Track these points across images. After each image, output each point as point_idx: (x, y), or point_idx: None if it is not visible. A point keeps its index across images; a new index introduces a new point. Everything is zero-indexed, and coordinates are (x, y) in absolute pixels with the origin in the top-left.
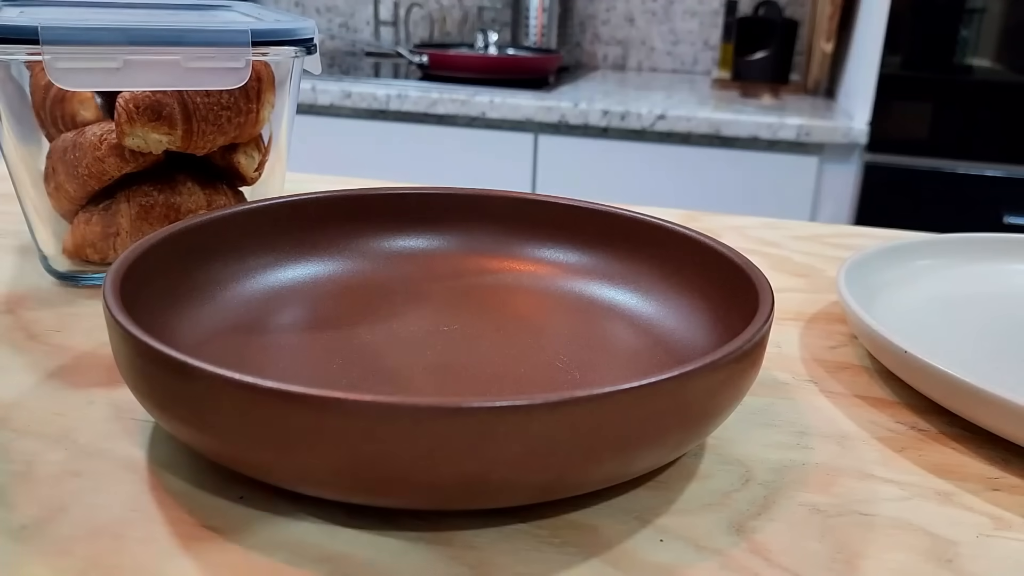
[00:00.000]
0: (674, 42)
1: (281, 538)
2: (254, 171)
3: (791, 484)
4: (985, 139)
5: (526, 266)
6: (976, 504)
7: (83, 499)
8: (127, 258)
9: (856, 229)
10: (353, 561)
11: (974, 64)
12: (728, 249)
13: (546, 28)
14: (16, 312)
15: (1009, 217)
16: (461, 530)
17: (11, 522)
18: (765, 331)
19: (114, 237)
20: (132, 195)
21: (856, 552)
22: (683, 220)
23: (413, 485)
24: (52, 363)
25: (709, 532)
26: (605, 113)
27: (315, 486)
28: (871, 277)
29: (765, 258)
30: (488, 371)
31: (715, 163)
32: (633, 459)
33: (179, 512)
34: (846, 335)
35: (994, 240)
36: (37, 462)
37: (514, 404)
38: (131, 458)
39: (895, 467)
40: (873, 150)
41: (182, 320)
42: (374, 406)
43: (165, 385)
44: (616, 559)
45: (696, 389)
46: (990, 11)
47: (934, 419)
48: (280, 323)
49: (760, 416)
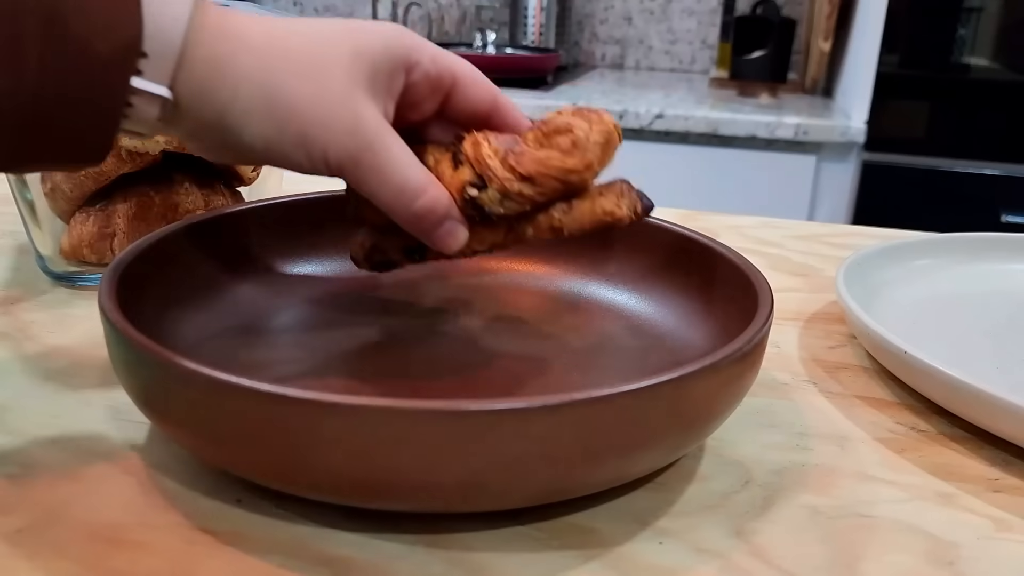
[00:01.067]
0: (672, 41)
1: (279, 541)
2: (252, 171)
3: (791, 486)
4: (983, 138)
5: (525, 266)
6: (977, 506)
7: (79, 502)
8: (124, 259)
9: (855, 228)
10: (351, 564)
11: (972, 63)
12: (727, 249)
13: (544, 27)
14: (12, 313)
15: (1007, 216)
16: (460, 532)
17: (7, 525)
18: (764, 332)
19: (111, 238)
20: (129, 195)
21: (856, 554)
22: (681, 219)
23: (411, 488)
24: (49, 364)
25: (709, 534)
26: None
27: (313, 489)
28: (870, 277)
29: (764, 258)
30: (487, 372)
31: (713, 162)
32: (632, 461)
33: (176, 515)
34: (845, 335)
35: (993, 239)
36: (33, 465)
37: (513, 407)
38: (128, 461)
39: (895, 468)
40: (871, 149)
41: (179, 321)
42: (372, 409)
43: (161, 388)
44: (616, 561)
45: (695, 391)
46: (988, 10)
47: (934, 420)
48: (277, 324)
49: (759, 417)
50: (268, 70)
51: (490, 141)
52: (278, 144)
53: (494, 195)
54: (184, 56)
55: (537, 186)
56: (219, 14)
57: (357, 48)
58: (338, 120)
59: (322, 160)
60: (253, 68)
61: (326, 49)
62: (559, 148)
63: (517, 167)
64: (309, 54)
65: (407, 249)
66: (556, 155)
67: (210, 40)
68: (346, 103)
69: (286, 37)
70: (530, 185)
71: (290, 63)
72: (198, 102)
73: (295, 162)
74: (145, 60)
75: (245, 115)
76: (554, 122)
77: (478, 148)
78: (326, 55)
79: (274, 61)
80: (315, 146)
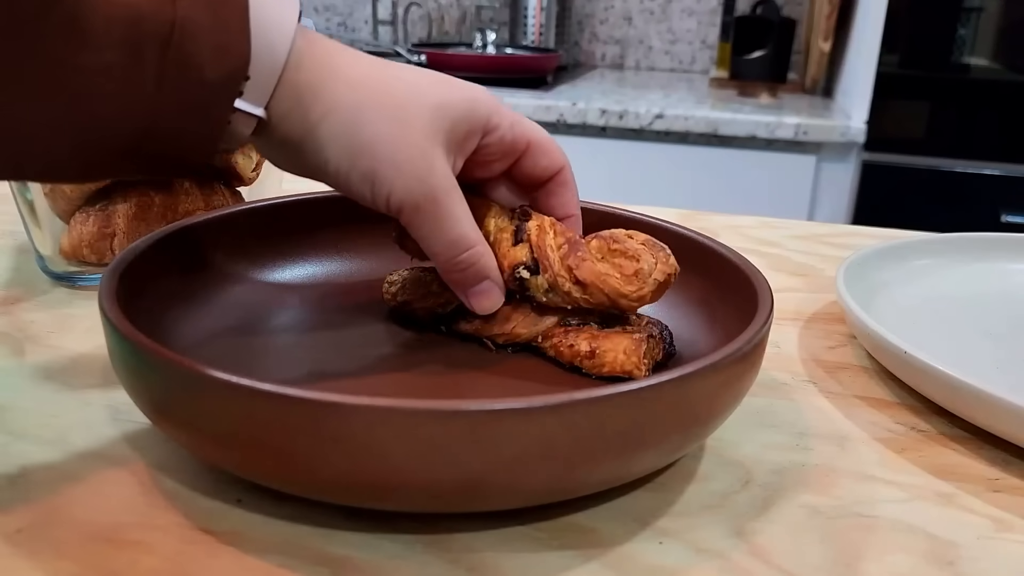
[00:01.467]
0: (672, 41)
1: (279, 541)
2: (252, 171)
3: (791, 486)
4: (983, 138)
5: None
6: (977, 506)
7: (79, 502)
8: (124, 259)
9: (855, 228)
10: (351, 564)
11: (971, 63)
12: (726, 249)
13: (544, 27)
14: (12, 313)
15: (1007, 216)
16: (460, 532)
17: (7, 525)
18: (764, 332)
19: (111, 237)
20: (129, 195)
21: (857, 555)
22: (681, 219)
23: (411, 488)
24: (48, 364)
25: (709, 534)
26: (603, 112)
27: (313, 489)
28: (870, 277)
29: (764, 258)
30: (487, 372)
31: (713, 162)
32: (632, 461)
33: (176, 515)
34: (845, 335)
35: (993, 239)
36: (33, 465)
37: (513, 407)
38: (128, 461)
39: (895, 468)
40: (871, 149)
41: (179, 321)
42: (372, 409)
43: (161, 387)
44: (616, 561)
45: (696, 391)
46: (987, 10)
47: (934, 420)
48: (277, 324)
49: (759, 417)
50: (358, 105)
51: (556, 232)
52: (347, 174)
53: (543, 283)
54: (283, 79)
55: (587, 294)
56: (326, 44)
57: (442, 102)
58: (410, 166)
59: (384, 199)
60: (346, 99)
61: (415, 97)
62: (620, 271)
63: (575, 270)
64: (399, 98)
65: (433, 314)
66: (616, 277)
67: (311, 66)
68: (423, 152)
69: (382, 79)
70: (581, 290)
71: (380, 103)
72: (287, 122)
73: (359, 194)
74: (248, 82)
75: (326, 141)
76: (623, 243)
77: (543, 236)
78: (414, 103)
79: (366, 97)
80: (382, 185)
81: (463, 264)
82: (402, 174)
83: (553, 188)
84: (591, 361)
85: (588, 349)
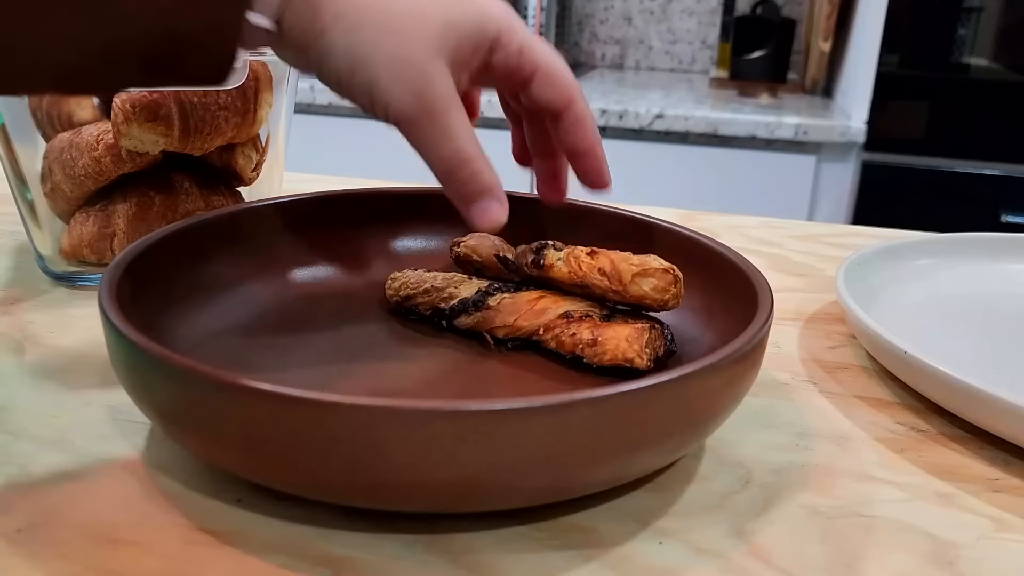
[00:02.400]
0: (672, 41)
1: (279, 541)
2: (252, 171)
3: (791, 486)
4: (983, 138)
5: None
6: (977, 506)
7: (79, 502)
8: (124, 259)
9: (855, 228)
10: (351, 564)
11: (971, 63)
12: (726, 249)
13: (544, 27)
14: (13, 313)
15: (1007, 216)
16: (460, 532)
17: (6, 525)
18: (765, 332)
19: (111, 238)
20: (129, 195)
21: (857, 555)
22: (681, 220)
23: (411, 488)
24: (48, 364)
25: (709, 534)
26: (603, 112)
27: (313, 489)
28: (870, 277)
29: (764, 258)
30: (488, 373)
31: (713, 162)
32: (632, 461)
33: (176, 515)
34: (845, 335)
35: (993, 239)
36: (33, 465)
37: (513, 407)
38: (128, 461)
39: (895, 468)
40: (871, 149)
41: (179, 321)
42: (373, 409)
43: (161, 387)
44: (616, 561)
45: (695, 391)
46: (987, 10)
47: (934, 420)
48: (277, 324)
49: (759, 417)
50: (359, 19)
51: None
52: (348, 85)
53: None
54: None
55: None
56: None
57: (450, 20)
58: (409, 80)
59: (383, 110)
60: (348, 14)
61: (417, 12)
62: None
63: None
64: (401, 16)
65: (435, 309)
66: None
67: None
68: (422, 67)
69: None
70: (592, 258)
71: (379, 19)
72: (294, 32)
73: (360, 103)
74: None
75: (329, 52)
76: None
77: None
78: (415, 17)
79: (366, 15)
80: (380, 96)
81: (460, 179)
82: (399, 87)
83: (566, 127)
84: (592, 349)
85: (590, 337)
